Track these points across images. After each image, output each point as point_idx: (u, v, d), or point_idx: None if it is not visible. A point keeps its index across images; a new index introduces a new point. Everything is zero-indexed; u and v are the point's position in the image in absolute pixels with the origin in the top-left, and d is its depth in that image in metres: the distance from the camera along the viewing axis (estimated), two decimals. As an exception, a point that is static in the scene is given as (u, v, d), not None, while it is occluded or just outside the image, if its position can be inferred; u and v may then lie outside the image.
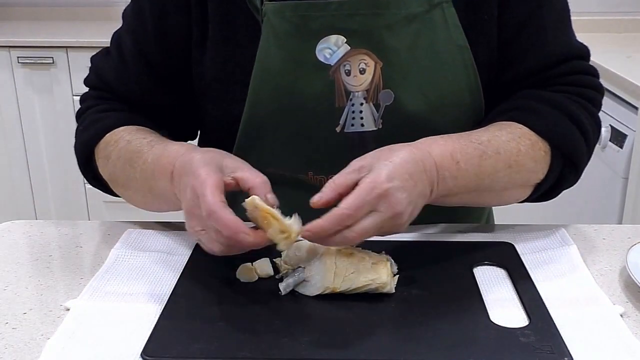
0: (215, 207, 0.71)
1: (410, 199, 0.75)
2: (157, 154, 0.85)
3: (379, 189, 0.72)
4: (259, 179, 0.77)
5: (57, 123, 2.77)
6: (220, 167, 0.78)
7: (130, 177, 0.88)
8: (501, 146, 0.84)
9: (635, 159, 1.99)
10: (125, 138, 0.91)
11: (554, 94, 0.92)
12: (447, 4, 0.88)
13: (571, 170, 0.91)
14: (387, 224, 0.74)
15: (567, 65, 0.93)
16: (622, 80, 2.06)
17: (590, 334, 0.71)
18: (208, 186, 0.73)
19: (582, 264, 0.84)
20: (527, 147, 0.86)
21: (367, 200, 0.72)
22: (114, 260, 0.85)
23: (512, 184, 0.87)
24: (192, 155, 0.79)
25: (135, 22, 0.95)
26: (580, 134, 0.90)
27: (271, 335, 0.69)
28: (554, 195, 0.93)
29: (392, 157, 0.76)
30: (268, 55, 0.88)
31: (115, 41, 0.98)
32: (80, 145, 0.96)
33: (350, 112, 0.89)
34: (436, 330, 0.70)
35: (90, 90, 1.01)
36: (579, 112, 0.90)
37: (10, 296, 0.79)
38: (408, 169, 0.75)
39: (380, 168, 0.74)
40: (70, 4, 3.11)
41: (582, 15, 2.83)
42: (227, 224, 0.70)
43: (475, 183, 0.83)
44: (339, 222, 0.71)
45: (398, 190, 0.73)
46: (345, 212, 0.71)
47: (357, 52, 0.87)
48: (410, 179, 0.75)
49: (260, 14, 0.87)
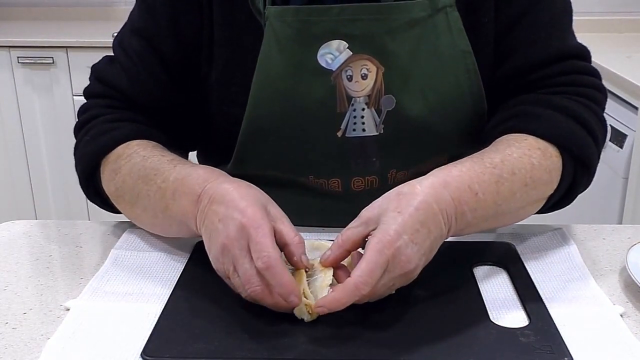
0: (274, 262, 0.68)
1: (422, 251, 0.71)
2: (182, 173, 0.81)
3: (389, 250, 0.68)
4: (297, 238, 0.74)
5: (57, 123, 2.77)
6: (266, 210, 0.74)
7: (142, 194, 0.84)
8: (515, 165, 0.81)
9: (635, 159, 1.99)
10: (141, 153, 0.87)
11: (551, 96, 0.90)
12: (451, 8, 0.87)
13: (583, 172, 0.88)
14: (399, 281, 0.72)
15: (562, 64, 0.91)
16: (622, 80, 2.06)
17: (590, 334, 0.70)
18: (266, 234, 0.70)
19: (582, 264, 0.84)
20: (540, 159, 0.83)
21: (379, 264, 0.68)
22: (114, 260, 0.85)
23: (528, 201, 0.83)
24: (228, 186, 0.76)
25: (144, 20, 0.92)
26: (586, 132, 0.87)
27: (271, 335, 0.69)
28: (568, 202, 0.90)
29: (401, 207, 0.71)
30: (269, 59, 0.87)
31: (118, 46, 0.95)
32: (86, 157, 0.91)
33: (352, 117, 0.89)
34: (436, 330, 0.70)
35: (94, 100, 0.96)
36: (581, 111, 0.88)
37: (10, 296, 0.79)
38: (418, 218, 0.71)
39: (388, 223, 0.70)
40: (70, 4, 3.11)
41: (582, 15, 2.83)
42: (283, 283, 0.68)
43: (494, 210, 0.79)
44: (354, 293, 0.67)
45: (408, 246, 0.69)
46: (359, 281, 0.67)
47: (358, 58, 0.87)
48: (421, 229, 0.71)
49: (262, 17, 0.87)
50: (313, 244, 0.78)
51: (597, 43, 2.57)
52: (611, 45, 2.63)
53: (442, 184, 0.75)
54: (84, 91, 0.97)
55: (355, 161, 0.92)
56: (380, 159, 0.92)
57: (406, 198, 0.72)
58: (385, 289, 0.71)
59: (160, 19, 0.91)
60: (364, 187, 0.93)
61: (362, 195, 0.91)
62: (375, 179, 0.93)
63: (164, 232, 0.87)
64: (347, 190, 0.93)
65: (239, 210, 0.72)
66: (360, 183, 0.93)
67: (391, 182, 0.93)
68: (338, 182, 0.93)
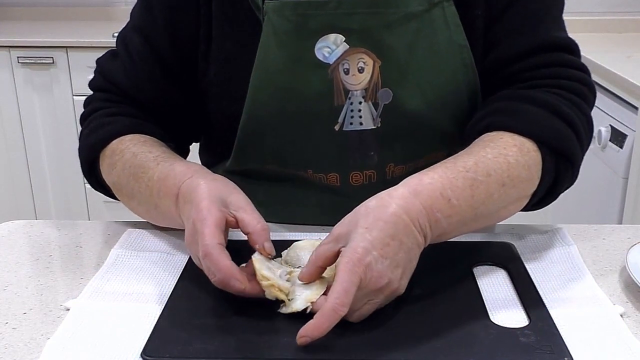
0: (211, 249, 0.71)
1: (395, 264, 0.70)
2: (163, 172, 0.84)
3: (359, 268, 0.68)
4: (259, 226, 0.76)
5: (57, 123, 2.77)
6: (224, 202, 0.77)
7: (135, 190, 0.88)
8: (490, 166, 0.79)
9: (635, 159, 1.99)
10: (131, 150, 0.90)
11: (530, 90, 0.88)
12: (447, 2, 0.88)
13: (567, 166, 0.86)
14: (378, 297, 0.71)
15: (547, 55, 0.89)
16: (622, 80, 2.06)
17: (590, 334, 0.71)
18: (207, 225, 0.73)
19: (582, 264, 0.84)
20: (516, 156, 0.81)
21: (353, 282, 0.67)
22: (114, 260, 0.85)
23: (509, 200, 0.81)
24: (198, 181, 0.79)
25: (144, 18, 0.94)
26: (565, 124, 0.85)
27: (271, 335, 0.69)
28: (553, 198, 0.88)
29: (368, 221, 0.71)
30: (268, 54, 0.88)
31: (121, 42, 0.97)
32: (85, 149, 0.95)
33: (349, 111, 0.90)
34: (436, 330, 0.70)
35: (96, 93, 0.99)
36: (561, 104, 0.86)
37: (10, 296, 0.79)
38: (388, 232, 0.70)
39: (357, 240, 0.69)
40: (70, 4, 3.11)
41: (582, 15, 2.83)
42: (220, 268, 0.70)
43: (471, 214, 0.77)
44: (333, 316, 0.66)
45: (377, 262, 0.69)
46: (336, 304, 0.66)
47: (355, 51, 0.87)
48: (392, 242, 0.70)
49: (261, 12, 0.88)
50: (314, 244, 0.78)
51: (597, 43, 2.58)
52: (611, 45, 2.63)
53: (413, 194, 0.74)
54: (89, 84, 1.00)
55: (353, 155, 0.92)
56: (378, 153, 0.92)
57: (374, 212, 0.72)
58: (366, 306, 0.71)
59: (158, 16, 0.93)
60: (362, 182, 0.94)
61: (361, 189, 0.92)
62: (373, 173, 0.94)
63: (161, 224, 0.91)
64: (345, 185, 0.94)
65: (196, 208, 0.76)
66: (358, 177, 0.94)
67: (389, 176, 0.94)
68: (336, 177, 0.94)
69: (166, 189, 0.83)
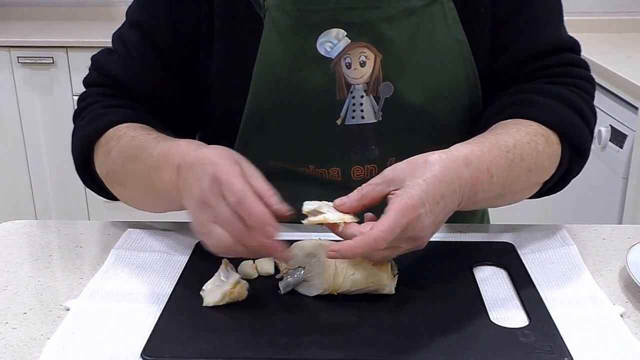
0: (246, 194, 0.69)
1: (436, 222, 0.73)
2: (164, 147, 0.83)
3: (411, 214, 0.70)
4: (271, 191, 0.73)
5: (57, 123, 2.77)
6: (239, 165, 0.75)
7: (129, 173, 0.86)
8: (525, 151, 0.83)
9: (635, 159, 1.99)
10: (130, 134, 0.88)
11: (551, 85, 0.92)
12: None
13: (577, 159, 0.91)
14: (407, 246, 0.73)
15: (558, 56, 0.93)
16: (622, 80, 2.06)
17: (590, 334, 0.71)
18: (235, 174, 0.71)
19: (582, 264, 0.84)
20: (544, 145, 0.85)
21: (400, 224, 0.69)
22: (114, 260, 0.85)
23: (528, 184, 0.86)
24: (206, 150, 0.77)
25: (142, 15, 0.94)
26: (582, 121, 0.90)
27: (271, 335, 0.69)
28: (561, 187, 0.93)
29: (426, 174, 0.73)
30: (270, 49, 0.88)
31: (118, 39, 0.97)
32: (80, 141, 0.93)
33: (351, 105, 0.90)
34: (436, 330, 0.70)
35: (92, 88, 0.98)
36: (577, 101, 0.90)
37: (10, 296, 0.79)
38: (440, 190, 0.73)
39: (413, 187, 0.71)
40: (70, 4, 3.11)
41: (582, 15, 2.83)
42: (255, 212, 0.69)
43: (499, 192, 0.81)
44: (373, 246, 0.68)
45: (427, 216, 0.71)
46: (380, 236, 0.68)
47: (357, 45, 0.88)
48: (441, 201, 0.73)
49: (262, 8, 0.88)
50: (314, 244, 0.78)
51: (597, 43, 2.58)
52: (611, 45, 2.63)
53: (465, 162, 0.76)
54: (83, 80, 0.99)
55: (355, 149, 0.93)
56: (379, 146, 0.93)
57: (432, 168, 0.74)
58: (391, 250, 0.72)
59: (158, 12, 0.93)
60: (363, 176, 0.94)
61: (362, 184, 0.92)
62: (374, 167, 0.94)
63: (155, 209, 0.89)
64: (347, 179, 0.94)
65: (211, 163, 0.73)
66: (359, 172, 0.94)
67: None
68: (338, 171, 0.94)
69: (167, 160, 0.80)
